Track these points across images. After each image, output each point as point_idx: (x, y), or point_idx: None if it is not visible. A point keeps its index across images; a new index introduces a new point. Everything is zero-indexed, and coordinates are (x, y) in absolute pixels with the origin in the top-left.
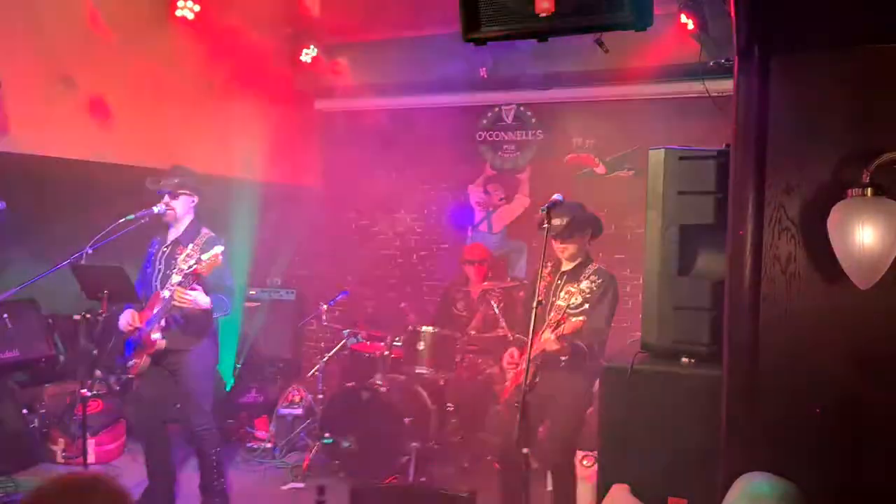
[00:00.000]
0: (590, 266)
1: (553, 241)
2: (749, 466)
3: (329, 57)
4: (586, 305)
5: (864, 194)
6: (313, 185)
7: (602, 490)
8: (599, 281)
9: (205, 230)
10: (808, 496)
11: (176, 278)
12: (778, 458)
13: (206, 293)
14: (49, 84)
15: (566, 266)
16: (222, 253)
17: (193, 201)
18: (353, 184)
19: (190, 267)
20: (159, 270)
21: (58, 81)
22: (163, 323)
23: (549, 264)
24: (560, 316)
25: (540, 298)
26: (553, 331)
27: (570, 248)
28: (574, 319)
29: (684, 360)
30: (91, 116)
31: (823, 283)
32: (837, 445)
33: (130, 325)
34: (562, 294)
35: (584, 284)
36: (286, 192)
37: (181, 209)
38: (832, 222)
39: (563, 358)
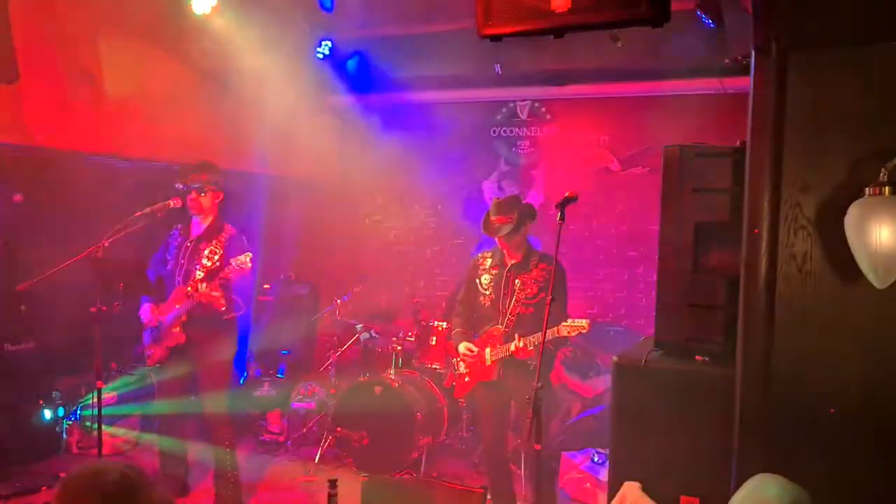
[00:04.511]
0: (533, 253)
1: (500, 241)
2: (762, 466)
3: (345, 52)
4: (541, 294)
5: (881, 193)
6: (328, 179)
7: (613, 487)
8: (550, 268)
9: (227, 227)
10: (821, 496)
11: (199, 274)
12: (791, 457)
13: (225, 292)
14: (67, 78)
15: (513, 259)
16: (251, 259)
17: (219, 198)
18: (368, 178)
19: (214, 264)
20: (182, 265)
21: (76, 76)
22: (184, 318)
23: (488, 259)
24: (519, 308)
25: (487, 291)
26: (522, 338)
27: (516, 241)
28: (577, 323)
29: (698, 357)
30: (108, 111)
31: (839, 282)
32: (851, 446)
33: (152, 320)
34: (517, 286)
35: (536, 273)
36: (300, 186)
37: (207, 204)
38: (849, 221)
39: (531, 363)
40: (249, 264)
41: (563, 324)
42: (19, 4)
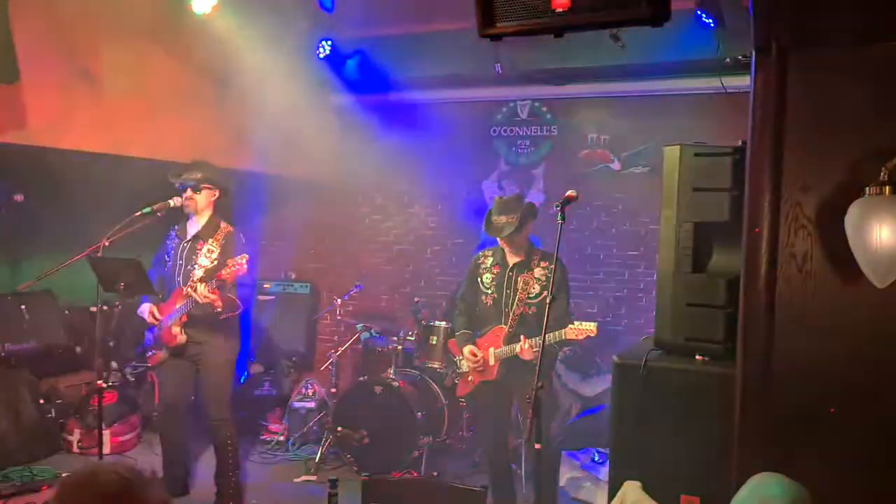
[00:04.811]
0: (535, 252)
1: (503, 241)
2: (762, 465)
3: (345, 51)
4: (544, 293)
5: (881, 192)
6: (328, 179)
7: (614, 486)
8: (552, 266)
9: (223, 224)
10: (822, 496)
11: (198, 273)
12: (791, 457)
13: (221, 293)
14: (67, 78)
15: (515, 259)
16: (247, 261)
17: (215, 195)
18: (368, 178)
19: (212, 262)
20: (180, 266)
21: (76, 75)
22: (184, 318)
23: (489, 258)
24: (522, 308)
25: (489, 290)
26: (527, 339)
27: (518, 241)
28: (585, 325)
29: (698, 357)
30: (108, 110)
31: (840, 282)
32: (852, 445)
33: (152, 319)
34: (520, 285)
35: (538, 272)
36: (300, 185)
37: (202, 202)
38: (849, 220)
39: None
40: (245, 267)
41: (570, 326)
42: (19, 4)
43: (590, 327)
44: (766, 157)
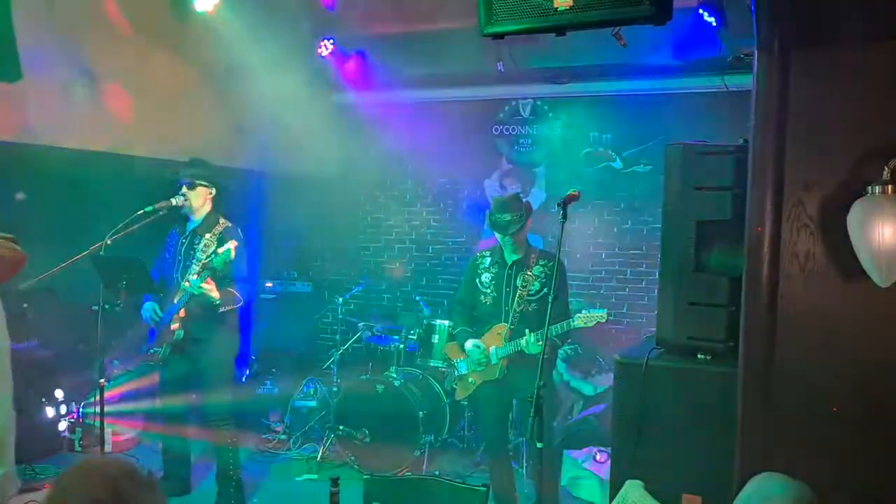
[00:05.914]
0: (532, 250)
1: (507, 238)
2: (763, 464)
3: (346, 50)
4: (544, 290)
5: (884, 191)
6: (330, 177)
7: (615, 485)
8: (551, 264)
9: (222, 220)
10: (823, 495)
11: (195, 269)
12: (792, 456)
13: (219, 286)
14: (69, 77)
15: (514, 256)
16: (235, 248)
17: (211, 193)
18: (370, 176)
19: (208, 257)
20: (179, 262)
21: (77, 74)
22: (182, 314)
23: (486, 258)
24: (523, 305)
25: (488, 290)
26: (532, 333)
27: (520, 238)
28: (592, 312)
29: (700, 356)
30: (110, 109)
31: (842, 281)
32: (853, 444)
33: (154, 317)
34: (519, 283)
35: (537, 269)
36: (302, 183)
37: (199, 200)
38: (852, 219)
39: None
40: (233, 254)
41: (579, 315)
42: (22, 4)
43: (599, 314)
44: (769, 155)
